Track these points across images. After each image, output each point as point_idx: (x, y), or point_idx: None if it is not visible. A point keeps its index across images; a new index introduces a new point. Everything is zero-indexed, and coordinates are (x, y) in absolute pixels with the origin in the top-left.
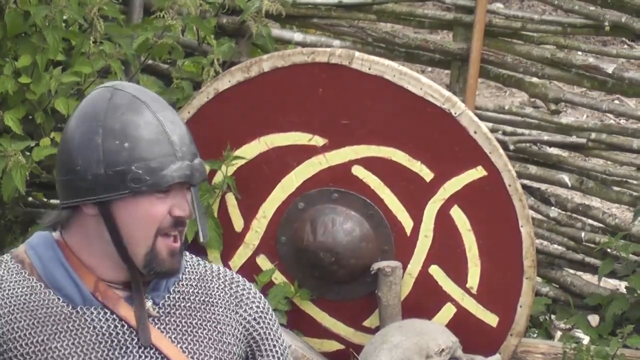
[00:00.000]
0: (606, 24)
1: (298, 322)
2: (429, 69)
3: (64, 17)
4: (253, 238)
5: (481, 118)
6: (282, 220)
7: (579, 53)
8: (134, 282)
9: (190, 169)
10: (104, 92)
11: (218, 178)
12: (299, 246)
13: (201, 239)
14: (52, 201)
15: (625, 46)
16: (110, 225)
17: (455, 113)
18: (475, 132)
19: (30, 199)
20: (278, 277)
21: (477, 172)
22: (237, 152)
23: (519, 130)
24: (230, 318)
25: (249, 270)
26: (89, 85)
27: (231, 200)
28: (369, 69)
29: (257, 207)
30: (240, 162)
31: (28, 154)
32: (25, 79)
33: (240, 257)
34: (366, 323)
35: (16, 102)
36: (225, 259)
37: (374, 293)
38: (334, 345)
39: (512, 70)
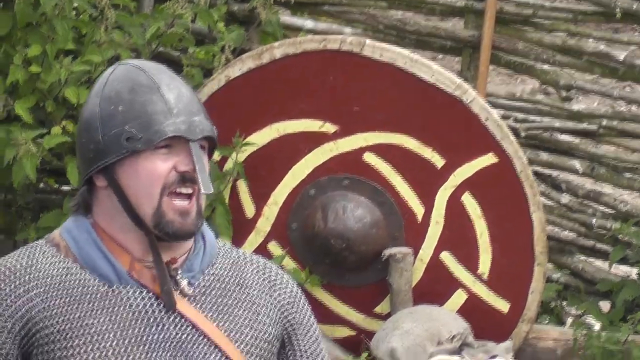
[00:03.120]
0: (617, 11)
1: None
2: (440, 56)
3: (74, 5)
4: (264, 224)
5: (492, 105)
6: (293, 207)
7: (590, 40)
8: (152, 246)
9: (186, 124)
10: (109, 68)
11: (229, 165)
12: (309, 233)
13: (203, 190)
14: (64, 187)
15: (637, 33)
16: (117, 191)
17: (466, 100)
18: (486, 119)
19: (41, 185)
20: (289, 264)
21: (488, 159)
22: (248, 139)
23: (530, 117)
24: (265, 300)
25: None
26: (99, 73)
27: (242, 186)
28: (380, 56)
29: (268, 194)
30: (252, 149)
31: (40, 141)
32: (35, 68)
33: (251, 243)
34: (377, 309)
35: (27, 91)
36: (236, 245)
37: (384, 279)
38: (345, 332)
39: (523, 58)
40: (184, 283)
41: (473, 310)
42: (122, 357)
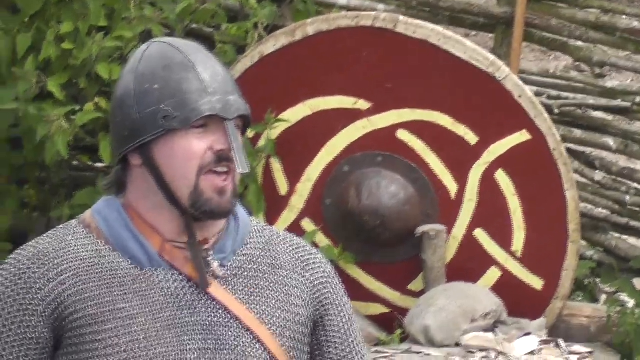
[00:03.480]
0: None
1: None
2: (473, 32)
3: None
4: (298, 201)
5: (525, 82)
6: (327, 183)
7: (624, 17)
8: (187, 227)
9: (222, 102)
10: (144, 45)
11: (262, 142)
12: (343, 209)
13: (239, 170)
14: (97, 165)
15: None
16: (153, 170)
17: (499, 77)
18: (519, 96)
19: (75, 162)
20: (322, 241)
21: (522, 136)
22: (281, 116)
23: (564, 94)
24: (297, 281)
25: (293, 233)
26: (130, 49)
27: (275, 164)
28: (414, 33)
29: (301, 171)
30: (285, 126)
31: (72, 118)
32: (68, 45)
33: (284, 220)
34: (411, 286)
35: (59, 68)
36: (270, 222)
37: (418, 256)
38: (379, 309)
39: (557, 34)
40: (215, 265)
41: (506, 287)
42: (154, 341)
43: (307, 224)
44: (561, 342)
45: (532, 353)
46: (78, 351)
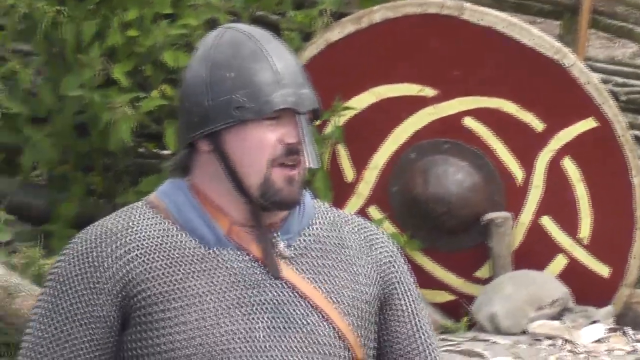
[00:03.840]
0: None
1: None
2: (540, 20)
3: None
4: (364, 188)
5: (592, 69)
6: (394, 171)
7: None
8: (254, 216)
9: (295, 95)
10: (217, 31)
11: (328, 129)
12: (410, 197)
13: (310, 165)
14: (163, 152)
15: None
16: (223, 158)
17: (566, 64)
18: (586, 83)
19: (140, 149)
20: (389, 228)
21: (588, 123)
22: (348, 103)
23: (630, 81)
24: (364, 260)
25: None
26: (196, 37)
27: (342, 151)
28: (480, 20)
29: (368, 158)
30: (351, 113)
31: (138, 105)
32: (133, 32)
33: (351, 207)
34: (477, 274)
35: (124, 55)
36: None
37: (484, 244)
38: (445, 296)
39: (623, 21)
40: (281, 245)
41: (573, 274)
42: (222, 320)
43: (374, 211)
44: (629, 330)
45: (599, 341)
46: (146, 329)
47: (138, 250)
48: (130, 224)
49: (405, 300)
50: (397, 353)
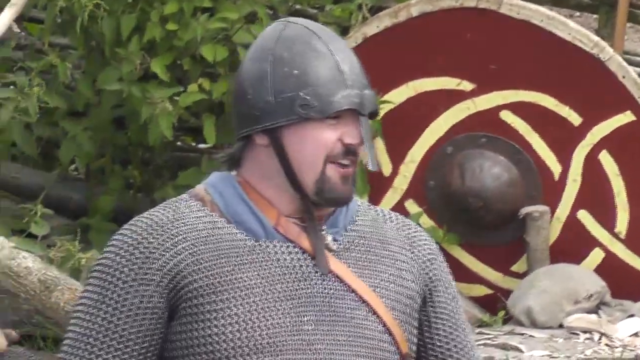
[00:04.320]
0: None
1: None
2: (577, 13)
3: None
4: (401, 182)
5: (630, 63)
6: (430, 165)
7: None
8: (307, 211)
9: (359, 97)
10: (278, 25)
11: None
12: (447, 191)
13: (370, 167)
14: (201, 145)
15: None
16: (280, 153)
17: (603, 58)
18: (623, 77)
19: (179, 143)
20: (426, 222)
21: (626, 117)
22: (385, 97)
23: None
24: (407, 256)
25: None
26: (235, 31)
27: (379, 144)
28: (517, 13)
29: (405, 152)
30: (389, 107)
31: (176, 99)
32: (172, 26)
33: (388, 201)
34: (514, 268)
35: (163, 49)
36: (374, 203)
37: (521, 238)
38: (482, 290)
39: None
40: (329, 238)
41: (610, 268)
42: (271, 312)
43: (411, 206)
44: None
45: (635, 335)
46: (193, 321)
47: (186, 242)
48: (177, 216)
49: (445, 298)
50: (438, 350)
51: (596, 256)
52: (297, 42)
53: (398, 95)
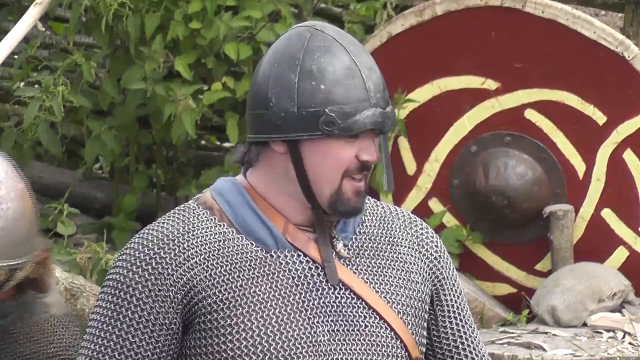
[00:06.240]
0: None
1: (470, 266)
2: (602, 12)
3: None
4: (425, 181)
5: None
6: (455, 164)
7: None
8: (319, 222)
9: (382, 116)
10: (304, 31)
11: None
12: (471, 189)
13: (385, 188)
14: (225, 144)
15: None
16: (297, 165)
17: (628, 56)
18: None
19: (202, 142)
20: (450, 220)
21: None
22: (410, 96)
23: None
24: (415, 257)
25: (421, 213)
26: (259, 29)
27: (403, 143)
28: (542, 12)
29: (429, 150)
30: (413, 106)
31: (200, 97)
32: (195, 24)
33: (412, 200)
34: (538, 267)
35: (187, 48)
36: (398, 202)
37: (545, 236)
38: (505, 289)
39: None
40: (340, 245)
41: (634, 267)
42: (286, 325)
43: (435, 204)
44: None
45: None
46: (209, 336)
47: (199, 255)
48: (187, 228)
49: (452, 295)
50: (445, 348)
51: (620, 255)
52: (325, 54)
53: (422, 93)
